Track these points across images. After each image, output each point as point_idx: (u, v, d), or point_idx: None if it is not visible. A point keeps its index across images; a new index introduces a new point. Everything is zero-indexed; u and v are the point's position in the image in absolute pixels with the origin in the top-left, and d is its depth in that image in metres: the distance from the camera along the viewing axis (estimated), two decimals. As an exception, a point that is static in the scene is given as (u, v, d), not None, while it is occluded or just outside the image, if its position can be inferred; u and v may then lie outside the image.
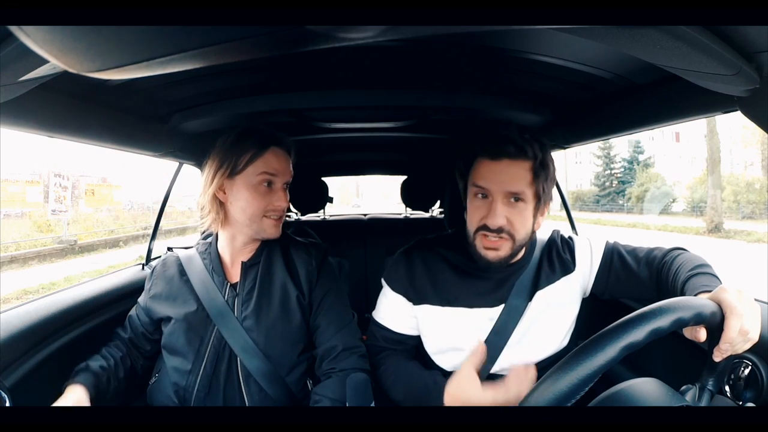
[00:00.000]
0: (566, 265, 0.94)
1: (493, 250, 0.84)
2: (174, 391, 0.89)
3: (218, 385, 0.88)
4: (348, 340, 0.92)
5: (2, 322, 0.80)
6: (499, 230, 0.82)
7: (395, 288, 0.96)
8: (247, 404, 0.88)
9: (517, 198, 0.82)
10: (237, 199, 0.89)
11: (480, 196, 0.85)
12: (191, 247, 1.04)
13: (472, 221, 0.86)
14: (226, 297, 0.91)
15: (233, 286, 0.92)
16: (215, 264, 0.94)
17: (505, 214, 0.82)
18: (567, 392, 0.44)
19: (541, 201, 0.84)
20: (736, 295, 0.58)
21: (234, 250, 0.94)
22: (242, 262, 0.93)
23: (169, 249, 1.06)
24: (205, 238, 1.03)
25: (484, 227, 0.83)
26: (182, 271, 0.95)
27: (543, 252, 0.95)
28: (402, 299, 0.95)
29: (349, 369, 0.88)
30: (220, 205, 0.90)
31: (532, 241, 0.95)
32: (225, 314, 0.89)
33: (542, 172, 0.82)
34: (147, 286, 0.97)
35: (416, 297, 0.94)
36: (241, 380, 0.88)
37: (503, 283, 0.92)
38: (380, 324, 0.97)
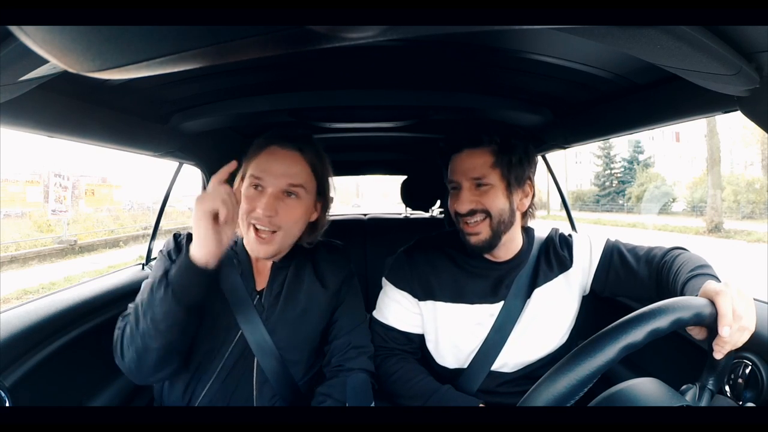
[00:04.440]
0: (563, 263, 0.94)
1: (474, 235, 0.88)
2: (184, 387, 0.86)
3: (232, 383, 0.85)
4: (359, 339, 0.92)
5: (2, 322, 0.80)
6: (472, 212, 0.87)
7: (399, 285, 0.96)
8: (255, 404, 0.86)
9: (481, 183, 0.87)
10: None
11: (453, 188, 0.91)
12: None
13: (451, 211, 0.92)
14: (254, 301, 0.88)
15: (261, 289, 0.90)
16: (245, 265, 0.91)
17: (473, 198, 0.88)
18: (566, 392, 0.45)
19: (510, 182, 0.87)
20: (722, 285, 0.59)
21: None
22: (272, 263, 0.91)
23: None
24: None
25: (457, 213, 0.90)
26: None
27: (541, 250, 0.96)
28: (407, 296, 0.95)
29: (356, 369, 0.88)
30: None
31: (529, 236, 0.96)
32: (250, 316, 0.87)
33: (505, 156, 0.87)
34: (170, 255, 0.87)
35: (422, 293, 0.94)
36: (255, 380, 0.86)
37: (502, 280, 0.92)
38: (386, 324, 0.97)
